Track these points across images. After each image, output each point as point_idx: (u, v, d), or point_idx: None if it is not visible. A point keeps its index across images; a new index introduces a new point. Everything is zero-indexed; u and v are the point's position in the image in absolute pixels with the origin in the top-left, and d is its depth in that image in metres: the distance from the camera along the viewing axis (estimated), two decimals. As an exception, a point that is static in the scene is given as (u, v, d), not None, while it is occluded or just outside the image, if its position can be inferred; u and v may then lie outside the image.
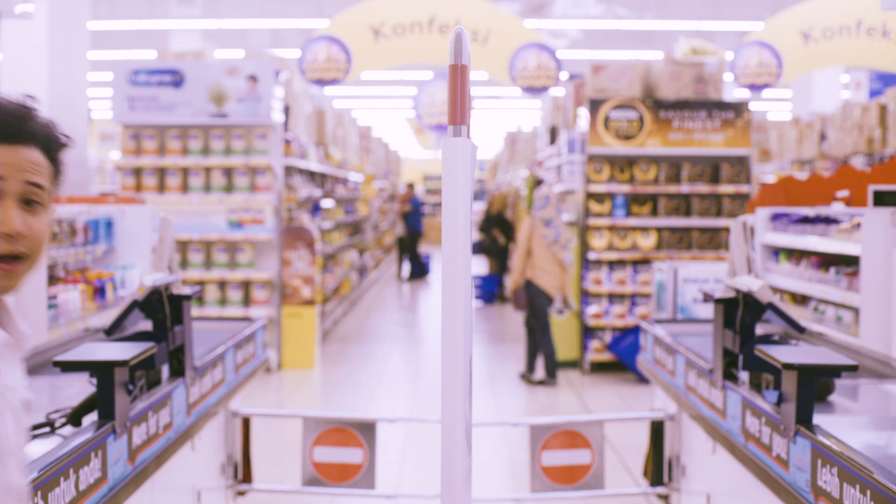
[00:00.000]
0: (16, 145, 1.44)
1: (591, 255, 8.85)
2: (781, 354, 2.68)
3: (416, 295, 16.39)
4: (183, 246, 8.70)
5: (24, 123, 1.45)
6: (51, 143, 1.49)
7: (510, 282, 8.57)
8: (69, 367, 2.95)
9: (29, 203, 1.45)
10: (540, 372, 8.58)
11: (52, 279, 5.17)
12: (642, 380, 8.39)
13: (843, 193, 6.06)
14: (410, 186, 19.48)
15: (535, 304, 8.31)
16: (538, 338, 8.39)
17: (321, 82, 10.36)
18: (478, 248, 15.13)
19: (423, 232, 19.09)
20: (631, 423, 6.12)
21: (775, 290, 5.90)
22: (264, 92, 8.80)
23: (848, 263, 5.43)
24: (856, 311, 5.11)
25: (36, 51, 8.85)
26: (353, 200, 14.48)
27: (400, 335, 11.55)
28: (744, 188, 8.90)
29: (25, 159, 1.44)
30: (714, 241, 8.94)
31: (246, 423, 4.32)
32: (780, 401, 2.71)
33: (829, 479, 2.35)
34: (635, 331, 8.57)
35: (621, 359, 8.62)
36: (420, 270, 18.57)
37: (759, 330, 3.43)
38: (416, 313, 14.02)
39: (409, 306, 14.97)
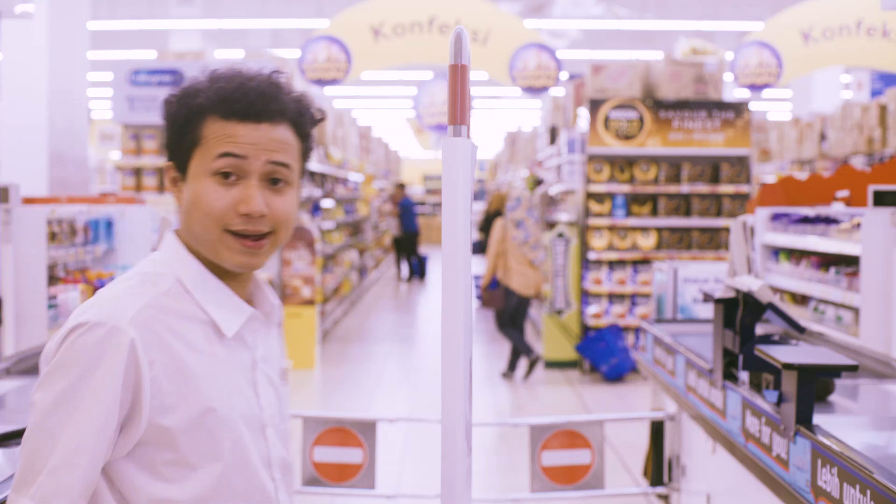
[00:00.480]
0: (261, 123, 1.41)
1: (591, 255, 8.84)
2: (781, 354, 2.68)
3: (417, 295, 16.39)
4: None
5: (272, 101, 1.42)
6: (301, 120, 1.46)
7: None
8: (69, 367, 2.95)
9: (275, 182, 1.43)
10: (521, 371, 8.64)
11: (52, 279, 5.16)
12: (607, 380, 8.43)
13: (843, 193, 6.04)
14: (401, 187, 19.01)
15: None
16: (502, 333, 8.52)
17: (321, 82, 10.36)
18: (478, 248, 15.13)
19: (420, 231, 18.82)
20: (631, 423, 6.12)
21: (775, 290, 5.89)
22: (264, 92, 8.79)
23: (848, 263, 5.42)
24: (856, 311, 5.11)
25: (36, 51, 8.85)
26: (353, 200, 14.48)
27: (400, 335, 11.54)
28: (744, 188, 8.89)
29: (270, 138, 1.42)
30: (714, 241, 8.93)
31: (246, 423, 4.31)
32: (780, 401, 2.71)
33: (829, 479, 2.35)
34: (602, 333, 8.55)
35: (587, 358, 8.59)
36: (420, 270, 18.49)
37: (759, 330, 3.43)
38: (416, 313, 14.02)
39: (409, 306, 14.97)
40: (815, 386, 2.64)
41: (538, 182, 12.24)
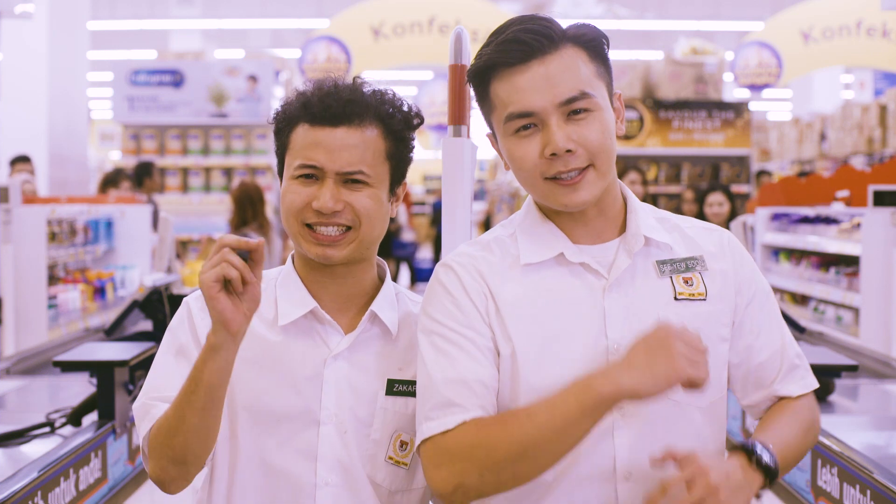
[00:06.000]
0: (338, 127, 1.48)
1: (591, 255, 8.85)
2: (781, 354, 2.67)
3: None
4: (183, 246, 8.69)
5: (349, 104, 1.48)
6: (390, 120, 1.53)
7: None
8: (69, 367, 2.95)
9: (355, 182, 1.49)
10: None
11: (52, 279, 5.16)
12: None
13: (843, 193, 6.04)
14: None
15: None
16: None
17: (321, 82, 10.35)
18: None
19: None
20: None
21: (775, 290, 5.89)
22: (264, 92, 8.79)
23: (848, 263, 5.42)
24: (856, 311, 5.10)
25: (36, 51, 8.85)
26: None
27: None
28: (744, 188, 8.89)
29: (347, 144, 1.48)
30: (714, 241, 8.93)
31: (246, 423, 4.30)
32: (780, 401, 2.71)
33: (829, 479, 2.35)
34: None
35: None
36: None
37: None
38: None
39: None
40: (815, 386, 2.63)
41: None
